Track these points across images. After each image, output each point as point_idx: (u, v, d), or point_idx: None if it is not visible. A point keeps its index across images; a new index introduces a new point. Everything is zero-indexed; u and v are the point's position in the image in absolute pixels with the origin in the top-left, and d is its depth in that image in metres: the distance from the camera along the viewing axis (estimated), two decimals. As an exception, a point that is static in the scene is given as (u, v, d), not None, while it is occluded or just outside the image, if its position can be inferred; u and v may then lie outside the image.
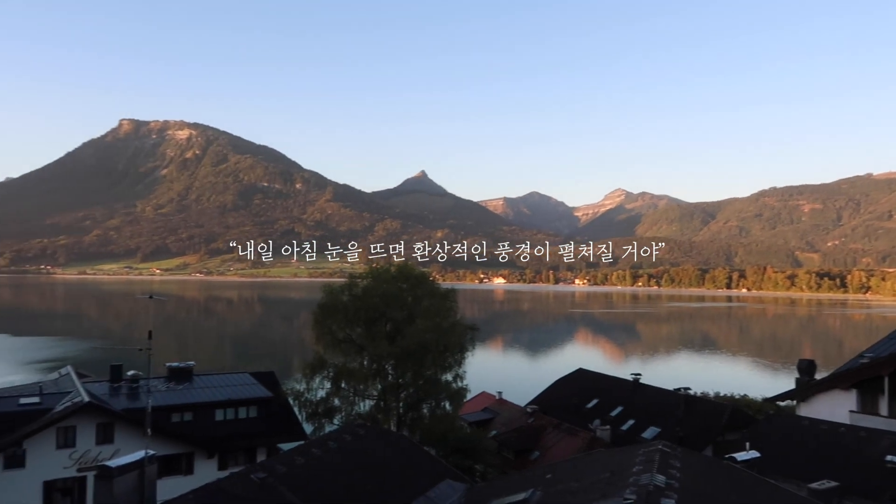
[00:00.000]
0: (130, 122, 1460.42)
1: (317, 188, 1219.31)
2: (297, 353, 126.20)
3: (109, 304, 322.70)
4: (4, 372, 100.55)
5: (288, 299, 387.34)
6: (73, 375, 41.22)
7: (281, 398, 43.77)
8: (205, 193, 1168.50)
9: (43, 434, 34.21)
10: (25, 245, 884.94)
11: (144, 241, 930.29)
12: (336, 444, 22.11)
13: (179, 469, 37.73)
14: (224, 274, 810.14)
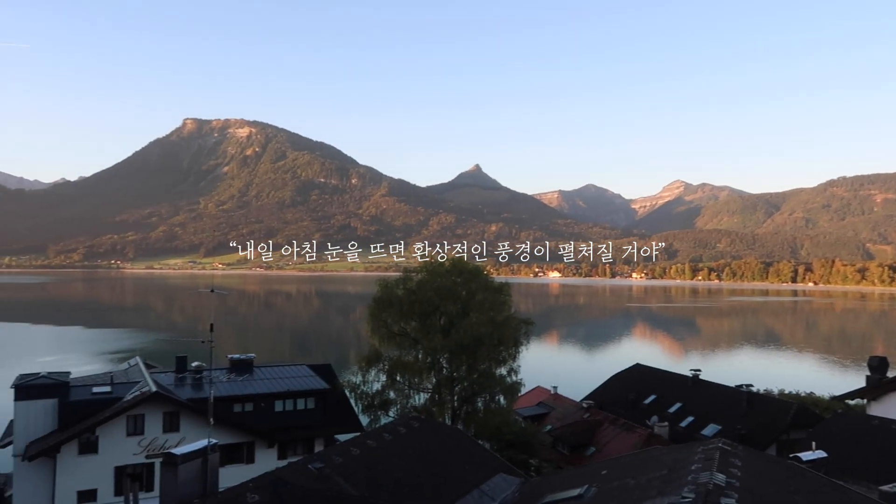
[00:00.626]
0: (194, 122, 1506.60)
1: (372, 183, 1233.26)
2: (353, 345, 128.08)
3: (174, 298, 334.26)
4: (79, 362, 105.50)
5: (344, 293, 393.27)
6: (142, 366, 42.92)
7: (338, 390, 44.47)
8: (264, 190, 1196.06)
9: (114, 422, 35.75)
10: (97, 241, 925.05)
11: (207, 237, 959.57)
12: (391, 436, 22.37)
13: (241, 458, 38.82)
14: (283, 268, 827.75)
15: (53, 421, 35.59)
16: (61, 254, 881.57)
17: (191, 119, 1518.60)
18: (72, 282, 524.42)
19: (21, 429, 35.14)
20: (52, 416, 35.62)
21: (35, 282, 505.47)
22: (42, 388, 35.65)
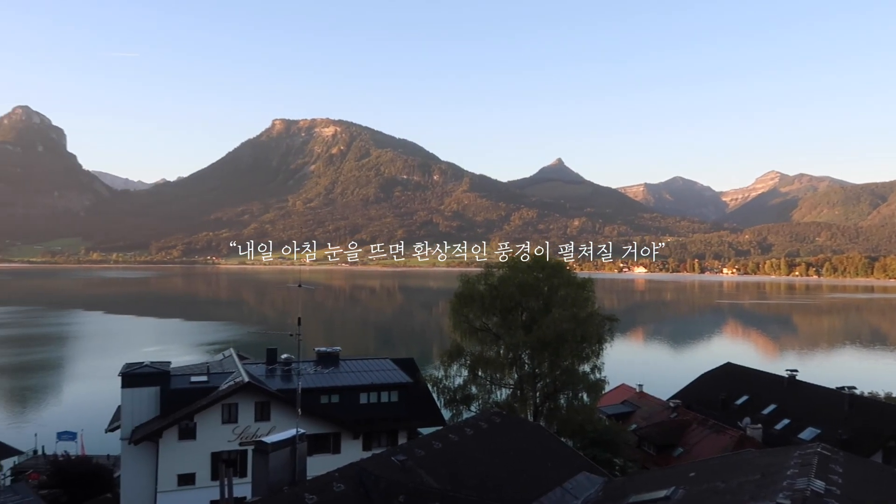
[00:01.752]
0: (282, 122, 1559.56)
1: (454, 179, 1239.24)
2: (436, 340, 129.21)
3: (264, 293, 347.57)
4: (178, 353, 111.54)
5: (426, 288, 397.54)
6: (235, 357, 44.91)
7: (420, 384, 45.00)
8: (349, 187, 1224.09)
9: (210, 410, 37.61)
10: (194, 238, 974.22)
11: (295, 234, 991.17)
12: (472, 430, 22.45)
13: (328, 448, 39.97)
14: (367, 264, 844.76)
15: (156, 407, 37.82)
16: (162, 250, 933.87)
17: (279, 120, 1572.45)
18: (171, 277, 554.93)
19: (127, 414, 37.54)
20: (155, 403, 37.86)
21: (139, 277, 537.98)
22: (146, 377, 37.95)
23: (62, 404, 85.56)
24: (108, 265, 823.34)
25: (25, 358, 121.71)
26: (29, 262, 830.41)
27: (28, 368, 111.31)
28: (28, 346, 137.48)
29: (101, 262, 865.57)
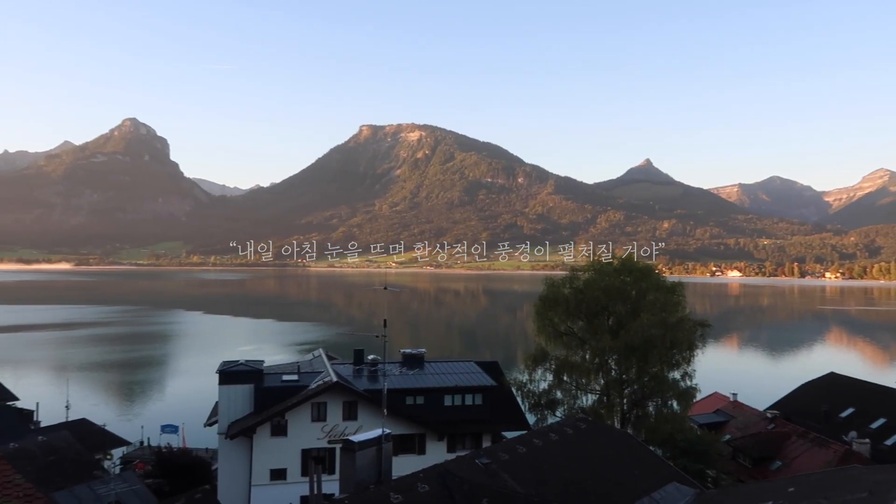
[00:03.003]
0: (369, 128, 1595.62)
1: (538, 181, 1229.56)
2: (520, 344, 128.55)
3: (352, 295, 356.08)
4: (271, 352, 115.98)
5: (510, 291, 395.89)
6: (324, 357, 46.20)
7: (504, 387, 44.83)
8: (434, 191, 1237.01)
9: (301, 408, 38.88)
10: (285, 241, 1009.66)
11: (381, 237, 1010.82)
12: (557, 436, 22.18)
13: (413, 448, 40.47)
14: (451, 267, 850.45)
15: (250, 404, 39.45)
16: (256, 253, 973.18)
17: (366, 126, 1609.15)
18: (264, 278, 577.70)
19: (224, 410, 39.35)
20: (249, 400, 39.50)
21: (234, 278, 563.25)
22: (241, 375, 39.67)
23: (165, 399, 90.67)
24: (207, 267, 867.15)
25: (133, 355, 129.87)
26: (136, 264, 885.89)
27: (135, 364, 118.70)
28: (135, 343, 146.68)
29: (200, 264, 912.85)
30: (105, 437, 53.97)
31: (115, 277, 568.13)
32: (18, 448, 35.49)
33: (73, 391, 75.91)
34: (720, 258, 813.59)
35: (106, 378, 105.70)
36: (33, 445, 37.32)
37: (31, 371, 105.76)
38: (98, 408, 77.83)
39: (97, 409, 76.15)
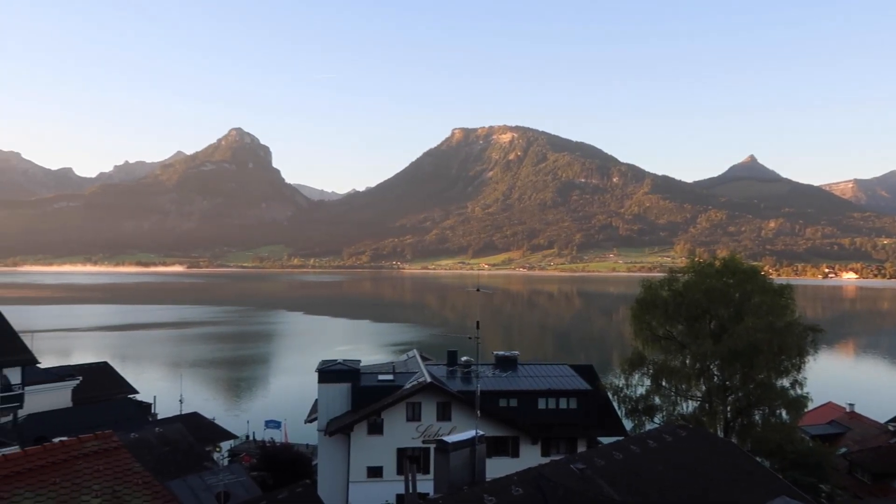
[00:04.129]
0: (461, 131, 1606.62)
1: (634, 181, 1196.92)
2: (616, 347, 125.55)
3: (445, 296, 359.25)
4: (367, 352, 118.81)
5: (605, 294, 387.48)
6: (418, 358, 46.86)
7: (600, 392, 43.88)
8: (526, 192, 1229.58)
9: (396, 407, 39.59)
10: (381, 244, 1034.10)
11: (474, 239, 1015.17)
12: (656, 443, 21.50)
13: (506, 451, 40.32)
14: (544, 268, 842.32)
15: (348, 403, 40.58)
16: (353, 255, 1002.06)
17: (458, 129, 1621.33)
18: (361, 280, 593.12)
19: (323, 408, 40.67)
20: (347, 399, 40.63)
21: (332, 280, 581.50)
22: (339, 374, 40.88)
23: (269, 395, 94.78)
24: (307, 269, 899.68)
25: (240, 353, 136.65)
26: (241, 267, 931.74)
27: (242, 362, 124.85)
28: (242, 341, 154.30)
29: (300, 266, 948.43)
30: (214, 431, 56.99)
31: (223, 279, 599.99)
32: (138, 438, 38.11)
33: (186, 386, 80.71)
34: (834, 259, 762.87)
35: (215, 374, 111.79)
36: (151, 436, 39.97)
37: (149, 366, 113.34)
38: (208, 402, 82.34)
39: (207, 403, 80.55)
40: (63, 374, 55.76)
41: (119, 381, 64.96)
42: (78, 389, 55.21)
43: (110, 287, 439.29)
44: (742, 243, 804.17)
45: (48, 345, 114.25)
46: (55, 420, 47.28)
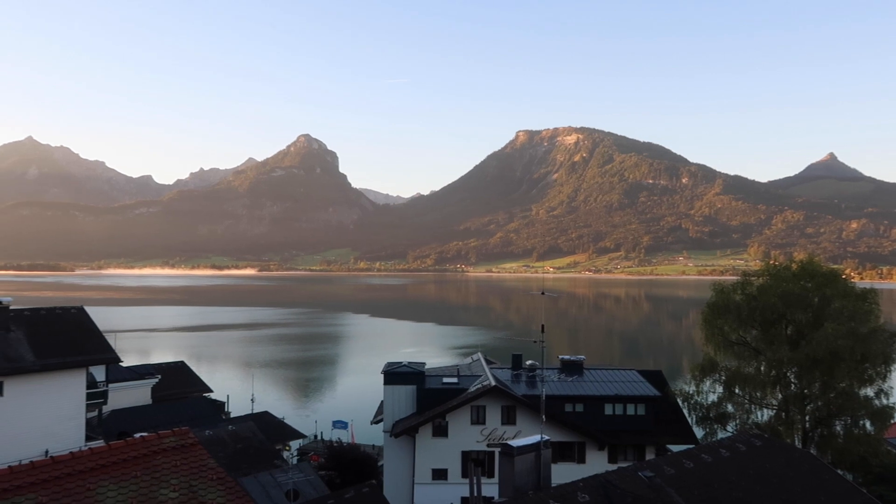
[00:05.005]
0: (525, 133, 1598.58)
1: (705, 181, 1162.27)
2: (686, 353, 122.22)
3: (510, 300, 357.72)
4: (432, 355, 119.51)
5: (675, 297, 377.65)
6: (483, 361, 46.87)
7: (669, 398, 42.83)
8: (592, 194, 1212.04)
9: (460, 410, 39.71)
10: (445, 247, 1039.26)
11: (539, 242, 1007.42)
12: (729, 452, 20.78)
13: (572, 456, 39.85)
14: (611, 272, 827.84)
15: (412, 405, 40.95)
16: (417, 259, 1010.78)
17: (522, 131, 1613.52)
18: (425, 283, 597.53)
19: (389, 409, 41.19)
20: (412, 401, 41.01)
21: (397, 283, 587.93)
22: (404, 376, 41.34)
23: (336, 396, 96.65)
24: (372, 272, 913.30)
25: (308, 353, 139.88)
26: (309, 270, 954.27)
27: (310, 363, 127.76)
28: (310, 343, 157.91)
29: (366, 269, 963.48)
30: (284, 430, 58.53)
31: (292, 282, 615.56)
32: (212, 435, 39.51)
33: (257, 385, 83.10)
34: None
35: (285, 374, 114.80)
36: (224, 434, 41.37)
37: (222, 366, 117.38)
38: (278, 402, 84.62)
39: (277, 402, 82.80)
40: (143, 373, 58.39)
41: (195, 379, 67.58)
42: (157, 387, 57.74)
43: (187, 289, 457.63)
44: (821, 245, 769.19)
45: (130, 344, 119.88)
46: (136, 416, 49.63)
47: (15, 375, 36.76)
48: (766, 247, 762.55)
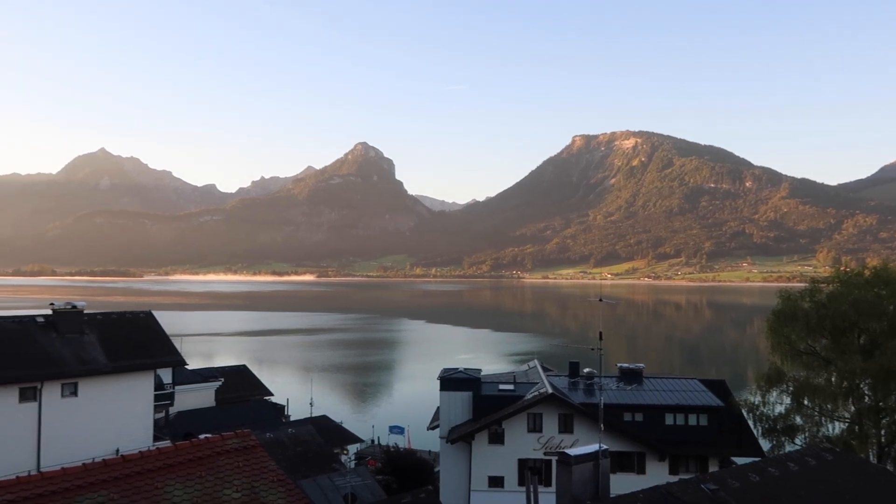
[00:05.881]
0: (582, 138, 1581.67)
1: (769, 185, 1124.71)
2: (750, 362, 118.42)
3: (566, 306, 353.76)
4: (487, 361, 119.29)
5: (738, 305, 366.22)
6: (539, 368, 46.48)
7: (733, 409, 41.54)
8: (651, 199, 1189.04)
9: (516, 417, 39.46)
10: (501, 253, 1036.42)
11: (596, 248, 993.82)
12: (797, 466, 19.99)
13: (631, 467, 39.06)
14: (671, 278, 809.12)
15: (468, 411, 40.92)
16: (473, 265, 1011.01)
17: (579, 136, 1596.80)
18: (481, 289, 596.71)
19: (445, 415, 41.27)
20: (468, 407, 40.98)
21: (453, 289, 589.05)
22: (460, 382, 41.36)
23: (392, 401, 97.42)
24: (428, 279, 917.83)
25: (365, 359, 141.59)
26: (367, 276, 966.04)
27: (367, 367, 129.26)
28: (367, 348, 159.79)
29: (422, 275, 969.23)
30: (342, 434, 59.28)
31: (350, 288, 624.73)
32: (273, 438, 40.37)
33: (316, 389, 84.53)
34: None
35: (343, 379, 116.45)
36: (284, 437, 42.21)
37: (282, 370, 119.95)
38: (336, 406, 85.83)
39: (335, 407, 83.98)
40: (207, 376, 60.14)
41: (256, 383, 69.19)
42: (220, 390, 59.37)
43: (248, 295, 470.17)
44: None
45: (194, 348, 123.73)
46: (200, 418, 51.15)
47: (89, 377, 38.52)
48: (835, 252, 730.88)
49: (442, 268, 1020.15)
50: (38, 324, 39.22)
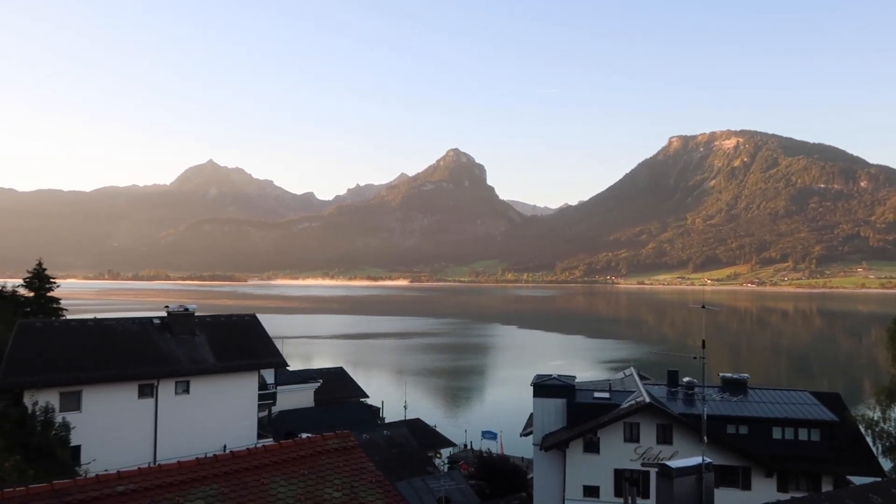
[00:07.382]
0: (679, 139, 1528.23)
1: (888, 184, 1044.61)
2: (868, 374, 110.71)
3: (664, 313, 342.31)
4: (581, 368, 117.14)
5: (853, 312, 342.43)
6: (636, 376, 45.20)
7: (849, 424, 38.89)
8: (754, 201, 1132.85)
9: (612, 426, 38.53)
10: (594, 258, 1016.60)
11: (695, 252, 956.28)
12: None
13: (736, 482, 37.25)
14: (777, 284, 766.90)
15: (562, 418, 40.35)
16: (565, 270, 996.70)
17: (676, 137, 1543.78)
18: (574, 295, 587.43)
19: (538, 422, 40.86)
20: (562, 414, 40.41)
21: (545, 295, 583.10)
22: (554, 389, 40.85)
23: (485, 406, 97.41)
24: (520, 284, 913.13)
25: (458, 363, 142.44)
26: (458, 281, 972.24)
27: (460, 372, 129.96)
28: (460, 352, 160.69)
29: (514, 281, 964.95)
30: (435, 437, 59.90)
31: (442, 293, 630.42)
32: (369, 439, 41.36)
33: (410, 393, 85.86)
34: None
35: (436, 383, 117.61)
36: (380, 438, 43.15)
37: (377, 373, 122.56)
38: (429, 409, 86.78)
39: (428, 410, 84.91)
40: (307, 377, 62.38)
41: (352, 385, 71.09)
42: (319, 391, 61.41)
43: (345, 299, 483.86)
44: None
45: (295, 350, 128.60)
46: (300, 417, 53.11)
47: (199, 375, 40.84)
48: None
49: (534, 273, 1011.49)
50: (155, 325, 42.03)
